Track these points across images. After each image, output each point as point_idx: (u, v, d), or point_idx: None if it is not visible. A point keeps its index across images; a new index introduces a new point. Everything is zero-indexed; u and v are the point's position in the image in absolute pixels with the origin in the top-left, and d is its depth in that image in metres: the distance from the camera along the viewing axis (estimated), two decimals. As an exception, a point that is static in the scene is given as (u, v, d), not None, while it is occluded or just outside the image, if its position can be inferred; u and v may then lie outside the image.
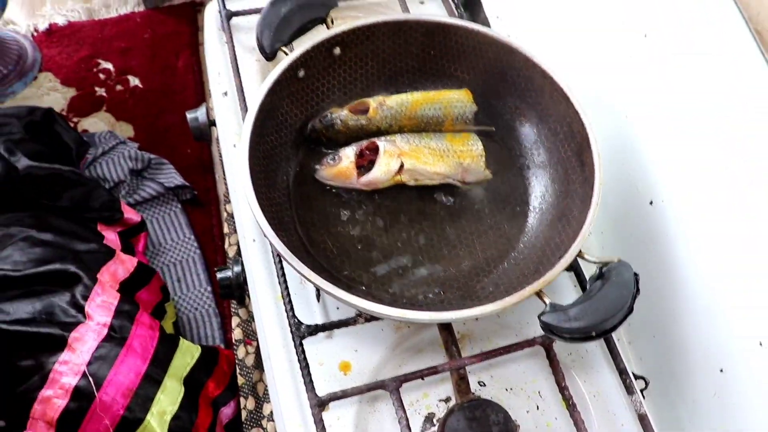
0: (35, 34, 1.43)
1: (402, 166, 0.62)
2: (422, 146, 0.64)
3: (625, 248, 0.69)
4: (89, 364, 0.69)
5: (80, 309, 0.73)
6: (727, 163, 0.56)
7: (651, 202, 0.64)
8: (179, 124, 1.28)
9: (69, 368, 0.69)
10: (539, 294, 0.52)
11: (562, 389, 0.59)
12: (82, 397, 0.68)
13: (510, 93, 0.67)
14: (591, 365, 0.63)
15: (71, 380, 0.69)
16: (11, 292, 0.73)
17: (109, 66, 1.38)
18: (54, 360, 0.69)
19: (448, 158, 0.64)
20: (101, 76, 1.36)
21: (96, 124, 1.28)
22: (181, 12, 1.44)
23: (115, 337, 0.72)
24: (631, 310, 0.51)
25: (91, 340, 0.71)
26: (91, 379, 0.69)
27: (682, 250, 0.61)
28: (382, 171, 0.62)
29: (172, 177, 1.16)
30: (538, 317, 0.51)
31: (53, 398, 0.68)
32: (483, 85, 0.68)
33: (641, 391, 0.65)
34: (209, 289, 1.05)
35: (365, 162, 0.62)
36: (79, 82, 1.35)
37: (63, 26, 1.45)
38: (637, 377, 0.66)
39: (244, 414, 0.76)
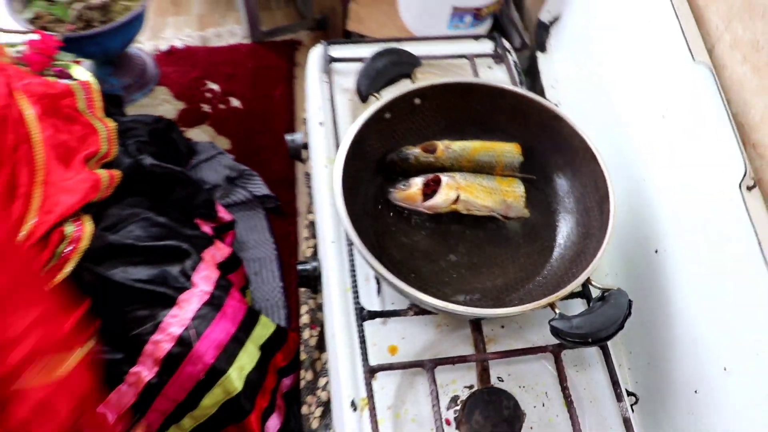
0: (157, 53, 1.63)
1: (458, 197, 0.77)
2: (476, 184, 0.78)
3: (634, 287, 0.82)
4: (192, 320, 0.85)
5: (188, 278, 0.89)
6: (709, 231, 0.69)
7: (656, 251, 0.77)
8: (270, 143, 1.44)
9: (176, 321, 0.85)
10: (552, 305, 0.66)
11: (564, 391, 0.72)
12: (183, 344, 0.84)
13: (551, 150, 0.81)
14: (591, 376, 0.76)
15: (177, 330, 0.84)
16: (134, 258, 0.90)
17: (216, 87, 1.56)
18: (165, 313, 0.85)
19: (496, 196, 0.78)
20: (208, 95, 1.55)
21: (199, 134, 1.46)
22: (281, 48, 1.63)
23: (214, 303, 0.87)
24: (622, 326, 0.64)
25: (195, 303, 0.86)
26: (192, 331, 0.85)
27: (675, 291, 0.74)
28: (442, 199, 0.77)
29: (260, 187, 1.32)
30: (549, 322, 0.65)
31: (161, 342, 0.84)
32: (530, 141, 0.82)
33: (631, 405, 0.77)
34: (281, 285, 1.21)
35: (429, 191, 0.77)
36: (188, 98, 1.54)
37: (180, 49, 1.65)
38: (629, 393, 0.78)
39: (302, 383, 0.90)
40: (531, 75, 1.06)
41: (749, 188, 0.58)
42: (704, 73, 0.66)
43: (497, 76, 0.98)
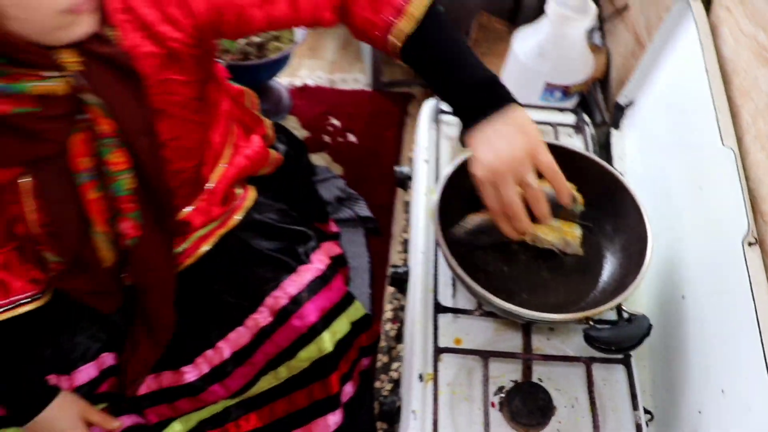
0: (292, 87, 1.90)
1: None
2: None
3: (663, 322, 0.98)
4: (306, 286, 1.06)
5: (307, 256, 1.09)
6: (720, 281, 0.85)
7: (683, 296, 0.94)
8: (377, 175, 1.64)
9: (294, 284, 1.05)
10: (589, 319, 0.83)
11: (591, 396, 0.89)
12: (295, 303, 1.03)
13: (609, 206, 0.96)
14: (614, 389, 0.90)
15: (293, 291, 1.05)
16: (269, 233, 1.14)
17: (337, 123, 1.79)
18: (286, 277, 1.05)
19: (558, 234, 0.96)
20: (329, 128, 1.78)
21: (318, 159, 1.70)
22: (397, 98, 1.86)
23: (324, 278, 1.06)
24: (640, 342, 0.80)
25: (310, 274, 1.06)
26: (304, 294, 1.06)
27: (692, 329, 0.90)
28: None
29: (363, 210, 1.54)
30: (583, 330, 0.83)
31: (279, 298, 1.04)
32: (593, 196, 1.00)
33: (647, 422, 0.93)
34: (369, 292, 1.40)
35: None
36: (313, 128, 1.78)
37: (311, 87, 1.90)
38: (646, 411, 0.94)
39: (379, 364, 1.10)
40: (605, 148, 1.24)
41: (750, 244, 0.75)
42: (731, 156, 0.84)
43: (575, 143, 1.17)
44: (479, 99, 0.84)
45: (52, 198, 0.86)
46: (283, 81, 1.89)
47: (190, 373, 1.09)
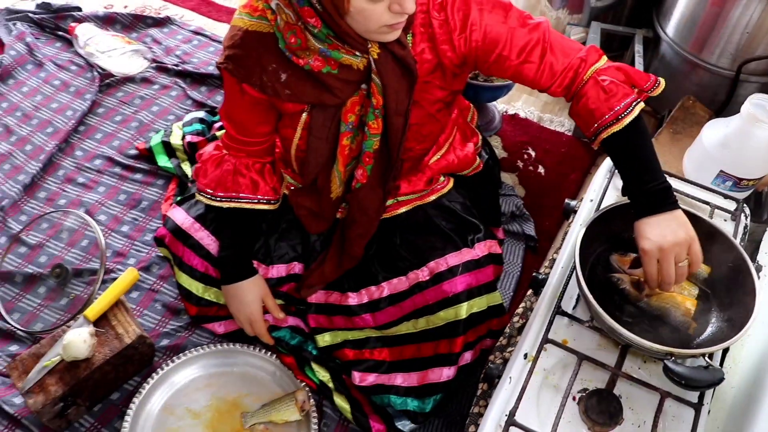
0: (505, 113, 2.14)
1: None
2: None
3: (748, 393, 1.10)
4: (463, 263, 1.27)
5: (473, 243, 1.31)
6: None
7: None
8: (551, 205, 1.82)
9: (455, 258, 1.26)
10: (672, 354, 1.00)
11: (655, 423, 1.03)
12: (451, 272, 1.26)
13: (732, 283, 1.10)
14: (679, 427, 1.04)
15: (452, 262, 1.27)
16: (450, 216, 1.35)
17: (532, 153, 1.99)
18: (450, 251, 1.28)
19: (678, 287, 1.12)
20: (525, 156, 1.99)
21: (506, 178, 1.87)
22: (590, 148, 2.01)
23: (478, 263, 1.28)
24: (705, 388, 0.96)
25: (469, 256, 1.28)
26: (460, 267, 1.27)
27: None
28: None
29: (530, 229, 1.73)
30: (664, 361, 0.99)
31: (440, 264, 1.27)
32: (720, 271, 1.14)
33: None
34: (512, 294, 1.59)
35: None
36: (511, 152, 1.99)
37: (521, 117, 2.11)
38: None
39: (498, 344, 1.32)
40: (755, 243, 1.35)
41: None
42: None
43: (726, 227, 1.29)
44: (655, 201, 1.07)
45: (316, 133, 1.19)
46: (499, 105, 2.13)
47: (353, 299, 1.38)
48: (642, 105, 1.11)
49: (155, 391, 1.41)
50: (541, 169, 1.96)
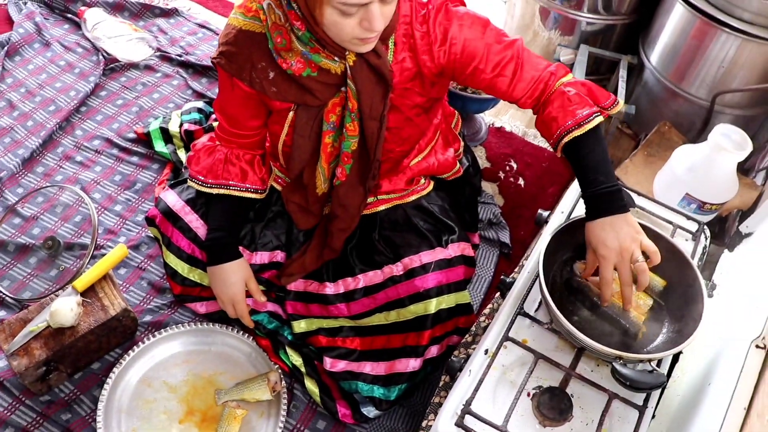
0: (491, 125, 2.19)
1: None
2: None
3: (689, 403, 1.16)
4: (435, 261, 1.32)
5: (447, 243, 1.36)
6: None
7: (709, 384, 1.12)
8: (527, 215, 1.87)
9: (428, 256, 1.30)
10: (621, 357, 1.06)
11: (601, 423, 1.08)
12: (424, 269, 1.30)
13: (685, 299, 1.16)
14: (623, 428, 1.09)
15: (426, 260, 1.32)
16: (428, 217, 1.42)
17: (514, 165, 2.03)
18: (425, 249, 1.33)
19: (634, 296, 1.18)
20: (507, 167, 2.03)
21: (487, 186, 1.93)
22: (569, 165, 2.10)
23: (450, 262, 1.33)
24: (649, 389, 1.02)
25: (442, 255, 1.34)
26: (431, 265, 1.32)
27: (705, 417, 1.09)
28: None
29: (505, 237, 1.78)
30: (612, 364, 1.05)
31: (414, 261, 1.32)
32: (676, 286, 1.20)
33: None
34: (482, 297, 1.66)
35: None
36: (494, 162, 2.04)
37: (506, 131, 2.15)
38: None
39: (464, 341, 1.37)
40: (713, 264, 1.42)
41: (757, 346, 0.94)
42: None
43: (685, 246, 1.35)
44: (607, 201, 1.14)
45: (300, 131, 1.25)
46: (486, 117, 2.19)
47: (330, 288, 1.44)
48: (601, 118, 1.19)
49: (135, 363, 1.45)
50: (521, 181, 2.02)
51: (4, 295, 1.59)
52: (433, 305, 1.34)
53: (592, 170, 1.17)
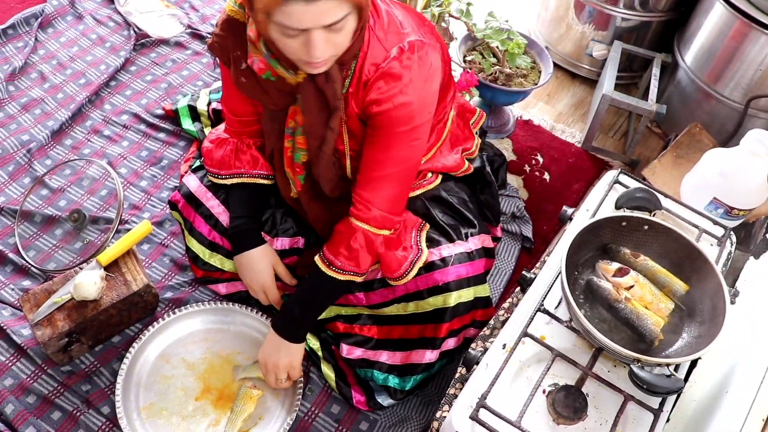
0: (519, 117, 2.17)
1: (632, 286, 1.18)
2: (648, 286, 1.19)
3: (706, 409, 1.16)
4: (455, 254, 1.32)
5: (467, 237, 1.36)
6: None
7: (726, 391, 1.12)
8: (551, 210, 1.87)
9: (448, 249, 1.30)
10: (639, 360, 1.06)
11: (615, 423, 1.09)
12: (443, 262, 1.30)
13: (706, 304, 1.17)
14: (637, 430, 1.12)
15: (445, 253, 1.32)
16: (447, 209, 1.41)
17: (540, 159, 2.03)
18: (444, 242, 1.34)
19: (656, 299, 1.18)
20: (533, 161, 2.02)
21: (512, 180, 1.93)
22: (598, 162, 2.03)
23: (470, 256, 1.34)
24: (665, 394, 1.02)
25: (461, 248, 1.33)
26: (452, 258, 1.32)
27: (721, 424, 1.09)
28: (624, 281, 1.17)
29: (528, 231, 1.79)
30: (630, 366, 1.05)
31: (433, 254, 1.32)
32: (698, 291, 1.19)
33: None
34: (502, 290, 1.67)
35: (621, 274, 1.20)
36: (520, 155, 2.05)
37: (534, 124, 2.15)
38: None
39: (482, 333, 1.38)
40: (737, 270, 1.41)
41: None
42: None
43: (711, 251, 1.35)
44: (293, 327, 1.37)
45: (265, 127, 1.34)
46: (515, 109, 2.18)
47: (349, 278, 1.44)
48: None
49: (154, 339, 1.48)
50: (546, 176, 2.01)
51: (30, 265, 1.62)
52: (452, 299, 1.34)
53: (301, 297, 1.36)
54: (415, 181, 1.40)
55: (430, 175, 1.47)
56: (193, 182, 1.49)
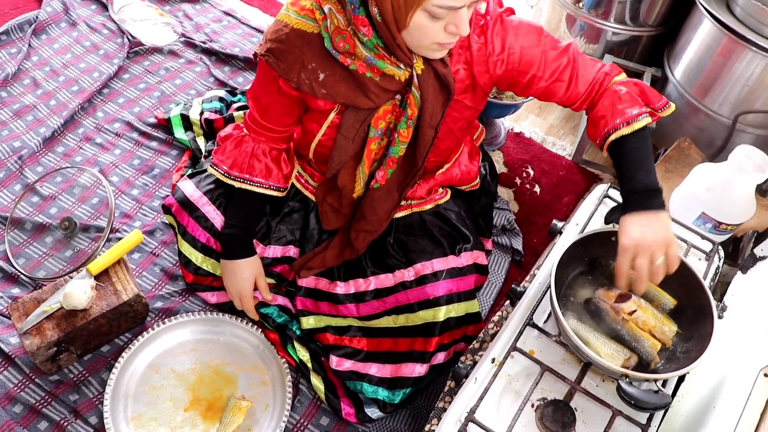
0: (510, 129, 2.19)
1: (635, 311, 1.17)
2: (650, 310, 1.17)
3: (693, 424, 1.16)
4: (447, 269, 1.34)
5: (460, 252, 1.37)
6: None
7: (714, 407, 1.12)
8: (541, 223, 1.87)
9: (440, 263, 1.32)
10: (627, 375, 1.06)
11: None
12: (435, 276, 1.31)
13: (695, 319, 1.17)
14: None
15: (438, 267, 1.34)
16: (444, 223, 1.42)
17: (531, 172, 2.03)
18: (438, 257, 1.35)
19: (659, 322, 1.18)
20: (523, 173, 2.03)
21: (503, 192, 1.94)
22: (587, 175, 2.04)
23: (462, 271, 1.34)
24: (653, 410, 1.02)
25: (454, 263, 1.33)
26: (444, 274, 1.33)
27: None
28: (627, 305, 1.16)
29: (518, 244, 1.79)
30: (618, 382, 1.06)
31: (426, 267, 1.33)
32: (687, 306, 1.20)
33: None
34: (491, 303, 1.67)
35: (621, 300, 1.19)
36: (511, 168, 2.05)
37: (525, 137, 2.16)
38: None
39: (471, 347, 1.38)
40: (726, 284, 1.41)
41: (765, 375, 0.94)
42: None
43: (698, 266, 1.35)
44: (644, 198, 1.14)
45: (345, 132, 1.25)
46: (506, 122, 2.19)
47: (341, 288, 1.44)
48: (650, 119, 1.20)
49: (144, 349, 1.47)
50: (537, 189, 2.02)
51: (19, 273, 1.61)
52: (442, 313, 1.34)
53: (634, 168, 1.17)
54: None
55: (441, 190, 1.48)
56: (188, 187, 1.48)
